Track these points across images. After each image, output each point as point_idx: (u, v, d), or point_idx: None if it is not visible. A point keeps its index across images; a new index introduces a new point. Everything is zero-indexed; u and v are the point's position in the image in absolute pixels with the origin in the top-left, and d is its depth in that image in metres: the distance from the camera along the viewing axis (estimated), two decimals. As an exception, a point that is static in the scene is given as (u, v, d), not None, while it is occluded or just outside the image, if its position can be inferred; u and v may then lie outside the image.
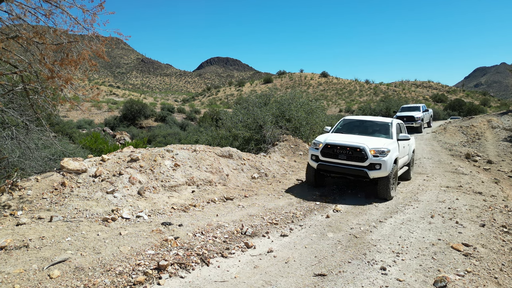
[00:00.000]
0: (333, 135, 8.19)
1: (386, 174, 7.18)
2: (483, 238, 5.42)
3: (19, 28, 5.35)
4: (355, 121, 9.02)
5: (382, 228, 5.74)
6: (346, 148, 7.28)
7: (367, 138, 7.73)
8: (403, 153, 8.52)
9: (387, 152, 7.19)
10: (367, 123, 8.78)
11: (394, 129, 8.36)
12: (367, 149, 7.15)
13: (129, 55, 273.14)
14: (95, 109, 40.09)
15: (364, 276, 4.10)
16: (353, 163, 7.24)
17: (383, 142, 7.50)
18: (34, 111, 6.47)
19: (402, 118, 20.32)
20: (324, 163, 7.57)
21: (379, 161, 7.09)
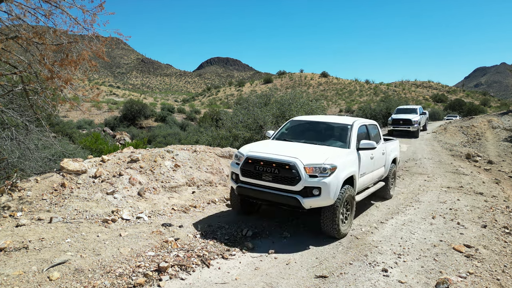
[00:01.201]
0: (267, 143, 5.96)
1: (330, 201, 4.89)
2: (484, 239, 5.40)
3: (19, 28, 5.32)
4: (304, 123, 6.65)
5: (383, 229, 5.72)
6: (272, 164, 4.98)
7: (309, 149, 5.45)
8: (371, 167, 6.29)
9: (332, 169, 4.89)
10: (320, 126, 6.44)
11: (354, 134, 5.91)
12: (300, 165, 4.82)
13: (129, 55, 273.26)
14: (95, 109, 40.07)
15: (366, 278, 4.08)
16: (281, 186, 4.94)
17: (331, 154, 5.13)
18: (33, 112, 6.44)
19: (398, 121, 19.24)
20: (244, 185, 5.27)
21: (318, 183, 4.77)
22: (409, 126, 18.80)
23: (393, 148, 7.81)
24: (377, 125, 7.24)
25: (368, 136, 6.54)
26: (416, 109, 20.56)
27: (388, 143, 7.52)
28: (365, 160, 5.95)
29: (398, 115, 19.81)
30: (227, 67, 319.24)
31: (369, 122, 6.90)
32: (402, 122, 19.03)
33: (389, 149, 7.42)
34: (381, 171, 6.99)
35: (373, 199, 7.43)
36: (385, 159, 7.15)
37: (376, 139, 6.86)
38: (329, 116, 7.31)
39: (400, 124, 19.04)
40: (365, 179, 6.15)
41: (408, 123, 18.85)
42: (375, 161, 6.48)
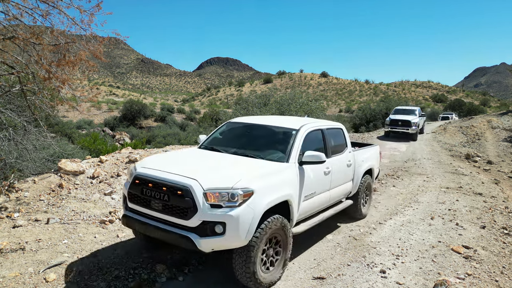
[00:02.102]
0: (181, 155, 4.63)
1: (240, 242, 3.43)
2: (483, 240, 5.38)
3: (16, 28, 5.31)
4: (241, 127, 5.22)
5: (381, 230, 5.70)
6: (162, 187, 3.55)
7: (225, 164, 4.02)
8: (326, 184, 4.83)
9: (246, 195, 3.42)
10: (259, 131, 4.98)
11: (298, 143, 4.41)
12: (196, 190, 3.38)
13: (129, 55, 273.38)
14: (94, 109, 40.05)
15: (364, 279, 4.06)
16: (171, 219, 3.51)
17: (249, 173, 3.70)
18: (31, 112, 6.43)
19: (397, 122, 18.09)
20: (130, 215, 3.87)
21: (222, 217, 3.34)
22: (408, 128, 17.72)
23: (368, 156, 6.29)
24: (343, 130, 5.71)
25: (325, 144, 4.94)
26: (415, 110, 19.62)
27: (359, 151, 6.08)
28: (315, 177, 4.46)
29: (397, 116, 18.68)
30: (227, 67, 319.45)
31: (329, 126, 5.33)
32: (400, 123, 17.99)
33: (360, 158, 5.91)
34: (346, 187, 5.51)
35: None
36: (354, 171, 5.70)
37: (339, 148, 5.38)
38: (276, 117, 6.04)
39: (399, 126, 18.00)
40: (315, 202, 4.60)
41: (407, 124, 17.78)
42: (335, 176, 4.99)
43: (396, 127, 18.04)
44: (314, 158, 4.21)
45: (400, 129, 17.89)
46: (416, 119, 18.04)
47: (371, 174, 6.51)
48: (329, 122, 5.66)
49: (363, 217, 6.22)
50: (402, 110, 19.91)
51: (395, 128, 18.09)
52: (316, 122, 5.22)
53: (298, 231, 4.30)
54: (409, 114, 18.97)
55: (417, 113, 19.00)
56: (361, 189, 5.98)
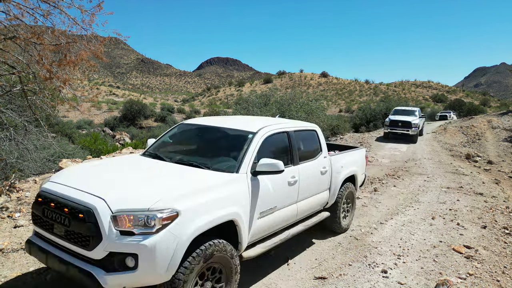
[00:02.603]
0: (112, 163, 3.90)
1: (160, 277, 2.72)
2: (484, 240, 5.38)
3: (17, 28, 5.32)
4: (193, 130, 4.55)
5: (382, 230, 5.70)
6: (63, 208, 2.84)
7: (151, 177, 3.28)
8: (292, 196, 4.10)
9: (166, 219, 2.69)
10: (213, 134, 4.26)
11: (253, 150, 3.65)
12: (102, 213, 2.67)
13: (129, 55, 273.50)
14: (95, 109, 40.06)
15: (365, 279, 4.06)
16: (73, 248, 2.81)
17: (176, 189, 2.97)
18: (32, 112, 6.43)
19: (397, 123, 17.51)
20: (34, 240, 3.15)
21: (134, 247, 2.61)
22: (408, 129, 17.17)
23: (349, 161, 5.42)
24: (317, 132, 4.91)
25: (291, 149, 4.18)
26: (415, 111, 19.05)
27: (337, 156, 5.24)
28: (275, 189, 3.74)
29: (396, 117, 18.10)
30: (227, 67, 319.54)
31: (298, 128, 4.54)
32: (400, 124, 17.40)
33: (338, 164, 5.09)
34: (320, 197, 4.76)
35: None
36: (330, 179, 4.95)
37: (311, 153, 4.65)
38: (239, 118, 5.36)
39: (399, 127, 17.41)
40: (276, 218, 3.85)
41: (407, 125, 17.21)
42: (305, 185, 4.28)
43: (396, 128, 17.56)
44: (270, 167, 3.43)
45: (400, 130, 17.40)
46: (416, 120, 17.57)
47: (353, 181, 5.69)
48: (301, 123, 4.84)
49: (343, 230, 5.45)
50: (402, 110, 19.40)
51: (394, 129, 17.61)
52: (282, 123, 4.37)
53: (251, 255, 3.49)
54: (409, 114, 18.47)
55: (417, 114, 18.60)
56: (340, 199, 5.19)
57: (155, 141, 4.51)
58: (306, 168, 4.36)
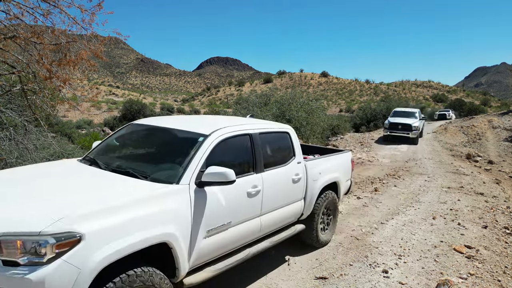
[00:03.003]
0: (34, 170, 3.36)
1: None
2: (485, 240, 5.37)
3: (17, 28, 5.30)
4: (142, 131, 3.97)
5: (383, 230, 5.69)
6: None
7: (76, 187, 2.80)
8: (254, 209, 3.54)
9: (67, 244, 2.09)
10: (161, 137, 3.71)
11: (201, 156, 3.08)
12: None
13: (129, 55, 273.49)
14: (94, 109, 40.04)
15: (366, 279, 4.05)
16: None
17: (92, 203, 2.38)
18: (32, 112, 6.42)
19: (397, 125, 16.93)
20: None
21: (18, 282, 2.00)
22: (408, 132, 16.65)
23: (330, 167, 4.84)
24: (290, 134, 4.30)
25: (253, 155, 3.58)
26: (415, 112, 18.48)
27: (315, 161, 4.65)
28: (230, 202, 3.17)
29: (396, 119, 17.53)
30: (227, 66, 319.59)
31: (265, 130, 3.94)
32: (400, 127, 16.82)
33: (316, 170, 4.48)
34: (292, 209, 4.17)
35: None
36: (305, 187, 4.33)
37: (281, 158, 4.06)
38: (195, 117, 4.64)
39: (399, 129, 16.85)
40: (232, 235, 3.26)
41: (407, 128, 16.66)
42: (271, 196, 3.71)
43: (396, 131, 17.02)
44: (217, 176, 2.84)
45: (400, 133, 16.85)
46: (417, 123, 17.05)
47: (336, 189, 5.06)
48: (271, 125, 4.30)
49: (321, 244, 4.83)
50: (402, 112, 18.79)
51: (394, 132, 17.08)
52: (247, 124, 3.78)
53: (193, 282, 2.91)
54: (409, 116, 17.93)
55: (418, 116, 18.05)
56: (318, 210, 4.57)
57: (98, 143, 3.87)
58: (274, 176, 3.78)
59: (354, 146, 16.33)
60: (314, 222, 4.60)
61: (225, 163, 3.13)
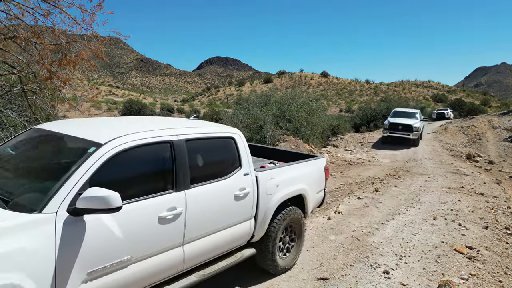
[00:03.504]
0: None
1: None
2: (486, 240, 5.36)
3: (17, 28, 5.30)
4: (37, 137, 3.11)
5: (384, 230, 5.68)
6: None
7: None
8: (165, 240, 2.74)
9: None
10: (49, 145, 3.02)
11: (81, 175, 2.30)
12: None
13: (129, 55, 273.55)
14: (94, 109, 40.04)
15: (367, 280, 4.04)
16: None
17: None
18: (32, 112, 6.41)
19: (397, 126, 16.23)
20: None
21: None
22: (409, 133, 15.90)
23: (293, 177, 4.05)
24: (235, 139, 3.51)
25: (174, 167, 2.85)
26: (416, 113, 17.70)
27: (272, 171, 3.85)
28: (126, 232, 2.48)
29: (396, 119, 16.78)
30: (227, 66, 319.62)
31: (201, 134, 3.20)
32: (401, 128, 16.11)
33: (272, 182, 3.72)
34: (237, 231, 3.40)
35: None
36: (255, 203, 3.57)
37: (220, 170, 3.32)
38: (104, 120, 3.51)
39: (399, 130, 16.17)
40: (128, 276, 2.54)
41: (408, 129, 15.94)
42: (200, 218, 3.00)
43: (396, 132, 16.33)
44: (94, 202, 2.15)
45: (400, 134, 16.16)
46: (417, 124, 16.34)
47: (303, 203, 4.27)
48: (209, 129, 3.37)
49: (280, 271, 4.02)
50: (402, 112, 18.11)
51: (394, 133, 16.40)
52: (171, 129, 2.97)
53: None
54: (409, 117, 17.26)
55: (418, 116, 17.43)
56: (275, 230, 3.79)
57: None
58: (205, 193, 3.03)
59: (354, 146, 16.33)
60: (269, 245, 3.78)
61: (123, 181, 2.54)
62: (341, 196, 7.73)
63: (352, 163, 12.20)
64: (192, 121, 3.69)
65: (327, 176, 4.79)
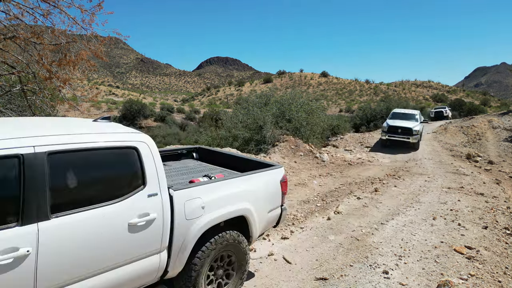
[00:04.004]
0: None
1: None
2: (486, 241, 5.36)
3: (17, 28, 5.30)
4: None
5: (383, 230, 5.69)
6: None
7: None
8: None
9: None
10: None
11: None
12: None
13: (129, 54, 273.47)
14: (94, 109, 40.02)
15: (367, 280, 4.05)
16: None
17: None
18: (32, 112, 6.41)
19: (396, 129, 15.55)
20: None
21: None
22: (408, 137, 15.26)
23: (230, 195, 3.29)
24: (138, 149, 2.75)
25: (22, 191, 2.13)
26: (416, 114, 17.03)
27: (197, 188, 3.05)
28: None
29: (396, 122, 16.11)
30: (227, 66, 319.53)
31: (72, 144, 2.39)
32: (400, 131, 15.45)
33: (195, 203, 2.97)
34: (134, 270, 2.64)
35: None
36: (165, 232, 2.79)
37: (113, 190, 2.57)
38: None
39: (398, 133, 15.51)
40: None
41: (407, 132, 15.28)
42: (62, 260, 2.24)
43: (395, 135, 15.66)
44: None
45: (399, 137, 15.54)
46: (417, 127, 15.71)
47: (248, 227, 3.48)
48: (95, 136, 2.56)
49: None
50: (401, 114, 17.37)
51: (393, 136, 15.71)
52: (27, 137, 2.23)
53: None
54: (409, 119, 16.64)
55: (418, 118, 16.77)
56: (200, 263, 3.02)
57: None
58: (75, 225, 2.30)
59: (354, 146, 16.33)
60: (191, 281, 3.00)
61: None
62: (340, 196, 7.73)
63: (352, 163, 12.20)
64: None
65: (284, 191, 3.98)
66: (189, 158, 5.17)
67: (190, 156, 5.19)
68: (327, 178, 9.68)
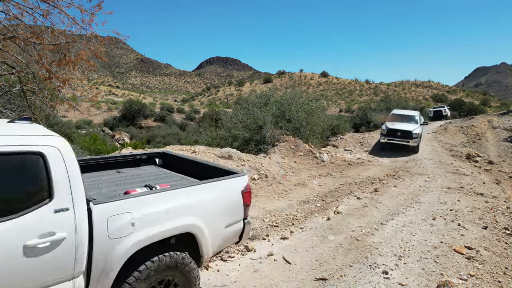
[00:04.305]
0: None
1: None
2: (485, 241, 5.36)
3: (16, 28, 5.29)
4: None
5: (383, 230, 5.68)
6: None
7: None
8: None
9: None
10: None
11: None
12: None
13: (129, 54, 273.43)
14: (94, 109, 40.03)
15: (366, 280, 4.05)
16: None
17: None
18: (32, 112, 6.41)
19: (395, 132, 15.02)
20: None
21: None
22: (408, 140, 14.69)
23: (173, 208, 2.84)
24: (44, 155, 2.28)
25: None
26: (415, 116, 16.49)
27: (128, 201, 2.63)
28: None
29: (395, 125, 15.61)
30: (227, 66, 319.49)
31: None
32: (400, 134, 14.91)
33: (124, 219, 2.54)
34: None
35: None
36: (77, 255, 2.32)
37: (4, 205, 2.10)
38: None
39: (397, 137, 14.97)
40: None
41: (407, 136, 14.71)
42: None
43: (394, 139, 15.12)
44: None
45: (399, 141, 15.01)
46: (417, 129, 15.13)
47: (198, 245, 3.03)
48: None
49: None
50: (401, 115, 16.87)
51: (393, 139, 15.14)
52: None
53: None
54: (408, 121, 16.07)
55: (418, 120, 16.20)
56: None
57: None
58: None
59: (354, 146, 16.32)
60: None
61: None
62: (340, 196, 7.73)
63: (351, 163, 12.20)
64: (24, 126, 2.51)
65: (247, 202, 3.50)
66: (151, 164, 4.78)
67: (152, 162, 4.80)
68: (327, 178, 9.68)
